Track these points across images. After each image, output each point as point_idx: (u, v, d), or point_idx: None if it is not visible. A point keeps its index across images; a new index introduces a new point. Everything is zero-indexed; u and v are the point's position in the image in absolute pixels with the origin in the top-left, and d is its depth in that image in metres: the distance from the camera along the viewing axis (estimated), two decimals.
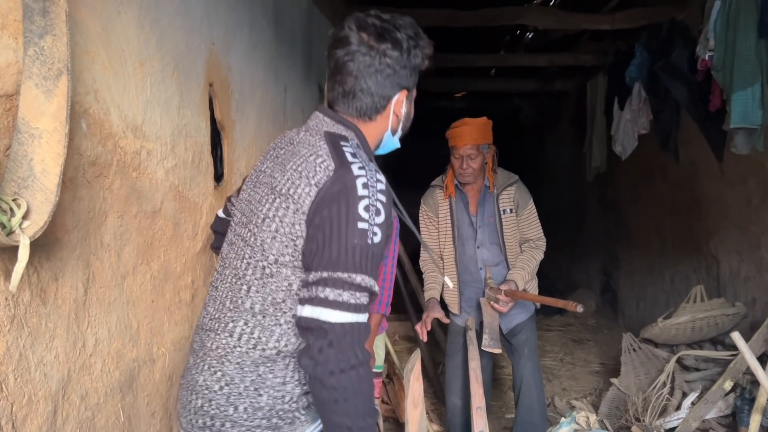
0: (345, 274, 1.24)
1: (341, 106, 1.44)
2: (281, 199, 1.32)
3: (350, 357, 1.22)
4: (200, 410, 1.35)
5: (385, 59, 1.38)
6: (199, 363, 1.38)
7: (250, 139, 2.73)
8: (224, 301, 1.39)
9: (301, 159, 1.34)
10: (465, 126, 2.97)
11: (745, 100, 3.15)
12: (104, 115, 1.47)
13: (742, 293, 4.04)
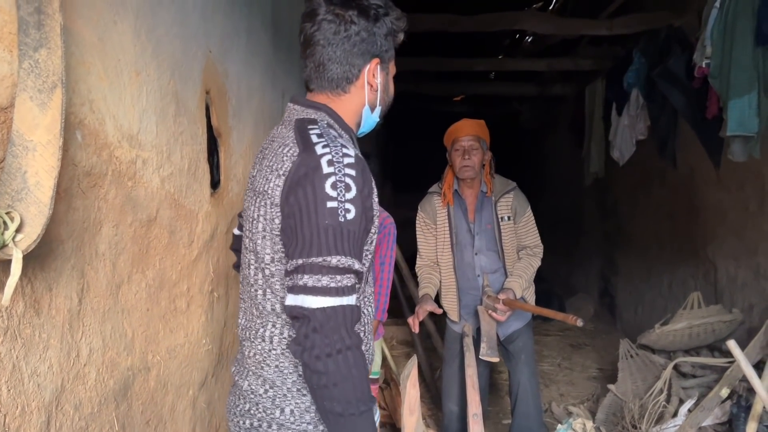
0: (320, 258, 1.22)
1: (314, 83, 1.42)
2: (260, 197, 1.32)
3: (336, 341, 1.21)
4: (248, 413, 1.39)
5: (352, 26, 1.35)
6: (242, 370, 1.43)
7: (247, 145, 2.74)
8: (251, 309, 1.42)
9: (272, 153, 1.33)
10: (466, 121, 3.01)
11: (741, 108, 3.16)
12: (99, 126, 1.47)
13: (739, 299, 4.04)
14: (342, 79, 1.40)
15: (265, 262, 1.33)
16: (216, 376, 2.44)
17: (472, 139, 2.94)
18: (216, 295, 2.39)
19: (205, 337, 2.28)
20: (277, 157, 1.31)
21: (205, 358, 2.29)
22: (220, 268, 2.44)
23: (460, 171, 2.97)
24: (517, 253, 3.08)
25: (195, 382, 2.21)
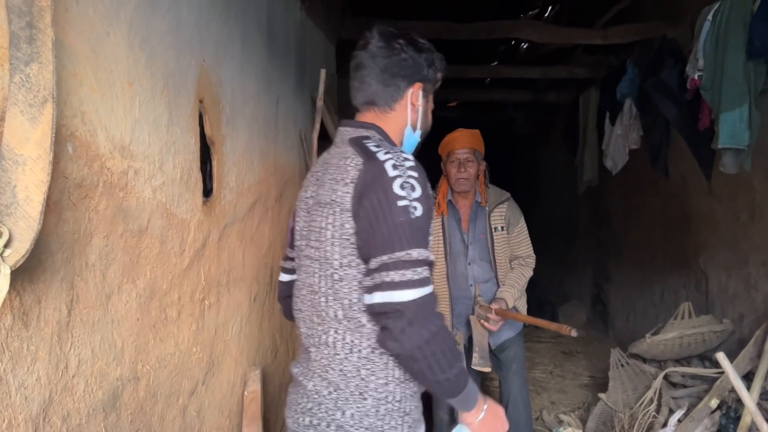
0: (402, 252, 1.33)
1: (360, 99, 1.59)
2: (328, 207, 1.43)
3: (429, 329, 1.32)
4: (309, 411, 1.49)
5: (400, 53, 1.54)
6: (307, 372, 1.53)
7: (240, 152, 2.74)
8: (311, 317, 1.52)
9: (334, 167, 1.46)
10: (461, 132, 3.01)
11: (733, 121, 3.18)
12: (91, 137, 1.47)
13: (730, 310, 4.06)
14: (388, 97, 1.56)
15: (333, 267, 1.43)
16: (206, 384, 2.43)
17: (467, 151, 2.95)
18: (207, 303, 2.39)
19: (195, 346, 2.28)
20: (340, 169, 1.43)
21: (195, 366, 2.29)
22: (212, 276, 2.44)
23: (456, 183, 2.98)
24: (510, 263, 3.09)
25: (185, 391, 2.20)
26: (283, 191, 3.51)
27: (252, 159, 2.92)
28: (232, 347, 2.75)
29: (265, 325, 3.27)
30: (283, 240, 3.41)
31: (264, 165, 3.13)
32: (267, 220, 3.23)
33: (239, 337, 2.85)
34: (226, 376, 2.68)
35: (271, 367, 3.42)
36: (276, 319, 3.45)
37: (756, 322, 3.66)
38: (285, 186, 3.56)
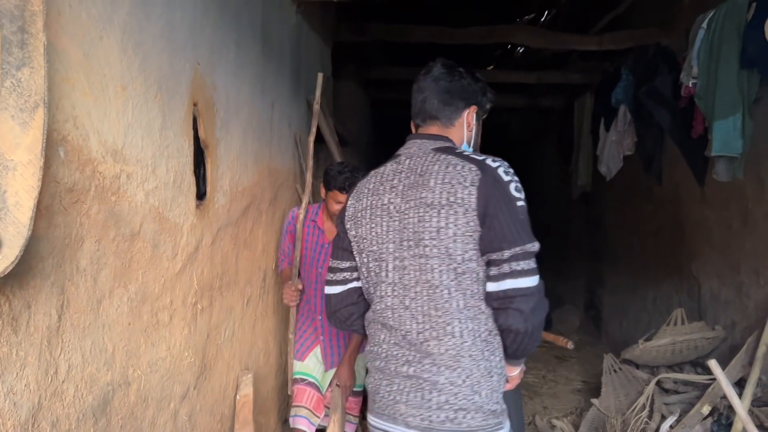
0: (529, 244, 1.56)
1: (423, 115, 1.77)
2: (446, 208, 1.58)
3: (546, 307, 1.59)
4: (444, 404, 1.58)
5: (461, 79, 1.76)
6: (432, 368, 1.60)
7: (234, 156, 2.73)
8: (427, 313, 1.61)
9: (441, 173, 1.61)
10: None
11: (726, 129, 3.19)
12: (83, 142, 1.47)
13: (722, 316, 4.08)
14: (449, 114, 1.75)
15: (457, 261, 1.57)
16: (198, 389, 2.42)
17: None
18: (200, 307, 2.39)
19: (187, 350, 2.27)
20: (453, 174, 1.60)
21: (187, 370, 2.28)
22: (205, 280, 2.43)
23: None
24: None
25: (176, 395, 2.20)
26: (277, 194, 3.51)
27: (246, 162, 2.91)
28: (224, 351, 2.74)
29: (257, 328, 3.26)
30: (277, 243, 3.41)
31: (258, 168, 3.12)
32: (260, 224, 3.22)
33: (232, 340, 2.84)
34: (218, 380, 2.67)
35: (263, 371, 3.41)
36: (269, 322, 3.45)
37: (748, 330, 3.67)
38: (279, 189, 3.55)
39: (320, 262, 2.99)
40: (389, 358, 1.68)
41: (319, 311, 3.03)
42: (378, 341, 1.74)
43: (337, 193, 2.81)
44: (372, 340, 1.78)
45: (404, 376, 1.65)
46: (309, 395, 2.96)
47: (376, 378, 1.74)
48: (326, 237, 2.99)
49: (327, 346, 3.05)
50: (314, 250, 3.00)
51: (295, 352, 3.07)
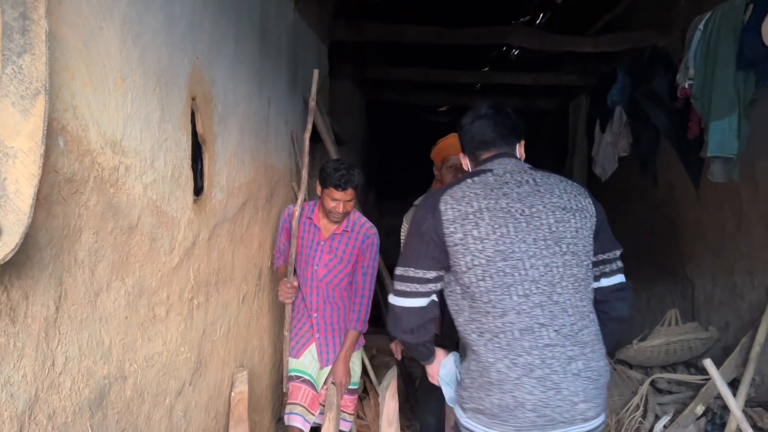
0: (620, 249, 1.90)
1: (490, 145, 1.95)
2: (579, 213, 1.80)
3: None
4: (603, 387, 1.75)
5: (511, 116, 2.00)
6: (592, 354, 1.73)
7: (231, 152, 2.72)
8: (574, 305, 1.74)
9: (561, 185, 1.86)
10: (454, 137, 2.98)
11: (722, 130, 3.20)
12: (82, 132, 1.46)
13: (716, 318, 4.10)
14: (512, 145, 1.97)
15: (589, 257, 1.80)
16: (193, 385, 2.41)
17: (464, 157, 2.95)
18: (196, 302, 2.37)
19: (183, 345, 2.26)
20: (569, 186, 1.87)
21: (182, 366, 2.27)
22: (201, 276, 2.42)
23: None
24: None
25: (172, 391, 2.18)
26: (273, 192, 3.50)
27: (243, 158, 2.90)
28: (219, 348, 2.73)
29: (252, 326, 3.25)
30: (273, 240, 3.39)
31: (255, 165, 3.11)
32: (257, 220, 3.21)
33: (227, 337, 2.83)
34: (213, 377, 2.65)
35: (258, 368, 3.40)
36: (264, 319, 3.43)
37: (741, 330, 3.69)
38: (275, 186, 3.54)
39: (316, 259, 2.98)
40: (549, 361, 1.67)
41: (315, 308, 3.02)
42: (519, 351, 1.68)
43: (333, 191, 2.80)
44: (505, 354, 1.69)
45: (574, 374, 1.69)
46: (304, 393, 2.95)
47: (533, 391, 1.66)
48: (322, 234, 2.98)
49: (322, 343, 3.04)
50: (310, 247, 2.99)
51: (290, 349, 3.05)
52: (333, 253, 2.98)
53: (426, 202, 1.88)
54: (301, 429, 2.91)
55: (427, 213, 1.82)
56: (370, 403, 4.05)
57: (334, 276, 3.00)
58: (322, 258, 2.98)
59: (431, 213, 1.80)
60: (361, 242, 2.98)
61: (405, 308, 1.87)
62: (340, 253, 2.98)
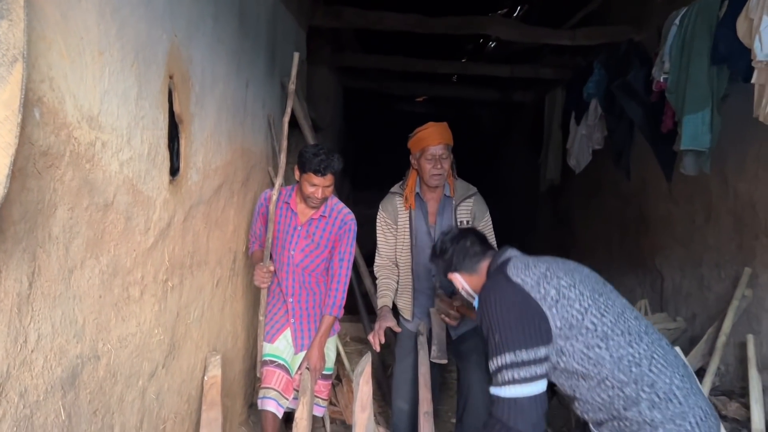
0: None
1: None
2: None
3: None
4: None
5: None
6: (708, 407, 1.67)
7: (209, 133, 2.69)
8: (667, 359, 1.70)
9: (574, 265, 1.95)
10: (433, 127, 2.99)
11: (695, 123, 3.26)
12: (59, 104, 1.42)
13: (683, 309, 4.18)
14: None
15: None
16: (166, 367, 2.38)
17: (442, 147, 2.95)
18: (170, 284, 2.34)
19: (157, 327, 2.23)
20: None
21: (156, 348, 2.24)
22: (176, 257, 2.39)
23: (431, 179, 2.97)
24: None
25: (145, 373, 2.16)
26: (249, 176, 3.46)
27: (220, 140, 2.87)
28: (193, 331, 2.70)
29: (226, 310, 3.22)
30: (248, 225, 3.36)
31: (231, 148, 3.08)
32: (232, 204, 3.18)
33: (201, 321, 2.80)
34: (186, 360, 2.63)
35: (231, 353, 3.38)
36: (238, 305, 3.41)
37: (708, 321, 3.78)
38: (252, 171, 3.51)
39: (292, 244, 2.96)
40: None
41: (290, 293, 3.01)
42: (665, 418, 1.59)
43: (312, 176, 2.78)
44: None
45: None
46: (278, 377, 2.94)
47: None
48: (299, 219, 2.96)
49: (297, 328, 3.03)
50: (287, 232, 2.97)
51: (265, 334, 3.03)
52: (310, 238, 2.96)
53: (496, 289, 1.86)
54: (275, 413, 2.91)
55: (505, 294, 1.81)
56: (343, 389, 4.05)
57: (311, 261, 2.98)
58: (299, 243, 2.96)
59: (512, 291, 1.81)
60: (338, 228, 2.97)
61: (531, 397, 1.71)
62: (317, 239, 2.96)
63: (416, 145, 3.00)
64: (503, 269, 1.90)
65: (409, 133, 3.10)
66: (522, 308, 1.74)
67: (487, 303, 1.81)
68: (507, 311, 1.75)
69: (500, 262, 1.99)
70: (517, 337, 1.70)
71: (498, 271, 1.93)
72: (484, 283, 2.00)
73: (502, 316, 1.75)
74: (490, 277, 1.98)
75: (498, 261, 2.01)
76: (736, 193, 3.56)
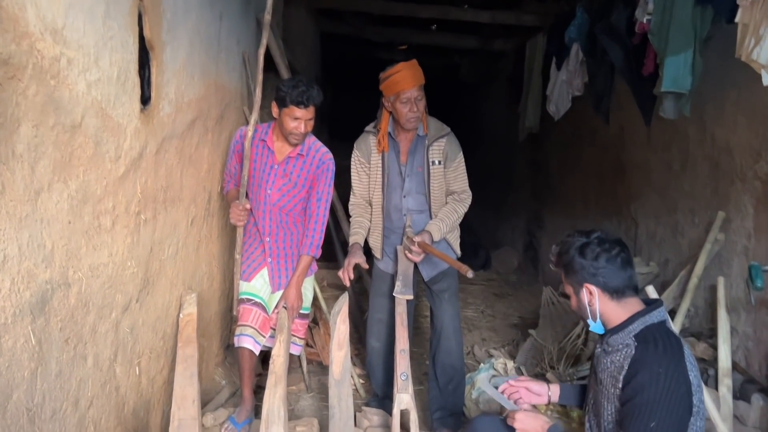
0: None
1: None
2: None
3: None
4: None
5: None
6: None
7: (181, 64, 2.59)
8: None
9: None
10: (407, 69, 2.91)
11: (677, 65, 3.23)
12: (20, 12, 1.34)
13: (657, 255, 4.24)
14: None
15: None
16: (140, 302, 2.35)
17: (417, 89, 2.89)
18: (143, 217, 2.29)
19: (130, 260, 2.19)
20: None
21: (129, 281, 2.20)
22: (149, 190, 2.33)
23: (408, 122, 2.92)
24: (446, 198, 3.10)
25: (118, 305, 2.12)
26: (224, 113, 3.38)
27: (193, 73, 2.77)
28: (167, 268, 2.66)
29: (202, 250, 3.18)
30: (223, 164, 3.29)
31: (205, 82, 2.99)
32: (206, 142, 3.11)
33: (175, 258, 2.76)
34: (161, 297, 2.60)
35: (208, 294, 3.35)
36: (213, 246, 3.37)
37: (680, 266, 3.83)
38: (226, 108, 3.42)
39: (269, 183, 2.90)
40: None
41: (267, 233, 2.97)
42: None
43: (294, 109, 2.70)
44: None
45: None
46: (255, 315, 2.92)
47: None
48: (276, 157, 2.90)
49: (274, 268, 3.00)
50: (263, 171, 2.91)
51: (241, 273, 3.00)
52: (287, 177, 2.91)
53: (677, 376, 1.72)
54: (251, 350, 2.90)
55: (680, 387, 1.71)
56: (320, 332, 4.07)
57: (288, 201, 2.94)
58: (276, 182, 2.91)
59: (685, 390, 1.71)
60: (316, 167, 2.92)
61: None
62: (294, 178, 2.91)
63: (390, 89, 2.92)
64: (675, 342, 1.78)
65: (380, 74, 3.01)
66: (683, 412, 1.72)
67: (658, 380, 1.72)
68: (674, 406, 1.71)
69: (660, 319, 1.85)
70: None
71: (667, 339, 1.79)
72: (656, 347, 1.77)
73: (667, 407, 1.71)
74: (652, 336, 1.80)
75: (655, 314, 1.85)
76: (713, 138, 3.57)
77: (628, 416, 1.75)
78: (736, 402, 2.95)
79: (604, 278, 1.84)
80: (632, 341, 1.81)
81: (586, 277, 1.87)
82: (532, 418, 2.00)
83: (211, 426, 2.94)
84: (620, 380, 1.80)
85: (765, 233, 3.08)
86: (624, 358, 1.81)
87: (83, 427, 1.89)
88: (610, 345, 1.88)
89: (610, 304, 1.87)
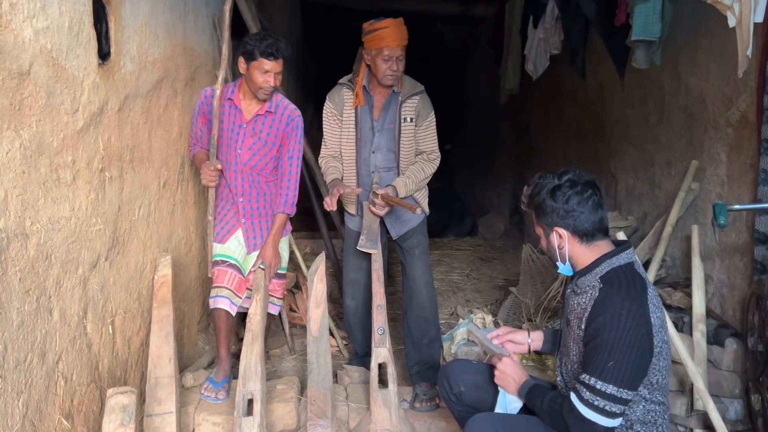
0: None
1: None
2: None
3: None
4: None
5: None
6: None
7: (143, 21, 2.56)
8: None
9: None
10: (394, 27, 2.88)
11: (646, 13, 3.22)
12: None
13: (635, 209, 4.26)
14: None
15: None
16: (110, 261, 2.35)
17: (401, 49, 2.88)
18: (108, 175, 2.28)
19: (95, 217, 2.18)
20: None
21: (96, 238, 2.20)
22: (113, 148, 2.31)
23: (385, 78, 2.90)
24: (415, 157, 3.10)
25: (85, 261, 2.12)
26: (194, 76, 3.34)
27: (157, 32, 2.74)
28: (139, 229, 2.66)
29: (177, 215, 3.18)
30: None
31: (171, 42, 2.95)
32: (176, 104, 3.08)
33: (147, 220, 2.76)
34: (133, 258, 2.60)
35: (186, 259, 3.36)
36: (190, 211, 3.36)
37: (658, 219, 3.85)
38: (196, 71, 3.39)
39: (239, 143, 2.88)
40: None
41: (240, 193, 2.95)
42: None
43: (264, 61, 2.67)
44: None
45: None
46: (230, 276, 2.92)
47: None
48: (244, 116, 2.87)
49: (249, 228, 3.00)
50: (231, 131, 2.89)
51: (215, 235, 2.99)
52: (256, 135, 2.89)
53: (635, 314, 1.73)
54: (228, 311, 2.91)
55: (640, 327, 1.73)
56: (303, 296, 4.08)
57: (259, 160, 2.93)
58: (245, 141, 2.89)
59: (646, 331, 1.74)
60: (285, 125, 2.91)
61: (608, 428, 1.76)
62: (264, 136, 2.90)
63: (373, 43, 2.90)
64: (639, 283, 1.81)
65: (364, 24, 2.98)
66: (644, 352, 1.74)
67: (619, 321, 1.73)
68: (633, 347, 1.72)
69: (627, 261, 1.86)
70: (628, 377, 1.72)
71: (632, 280, 1.81)
72: (620, 289, 1.78)
73: (626, 348, 1.72)
74: (617, 278, 1.81)
75: (623, 256, 1.86)
76: (687, 88, 3.56)
77: (588, 356, 1.79)
78: (710, 347, 2.99)
79: (575, 221, 1.84)
80: (598, 283, 1.82)
81: (556, 220, 1.87)
82: (517, 366, 2.04)
83: (190, 386, 2.96)
84: (584, 321, 1.82)
85: (737, 180, 3.09)
86: (589, 299, 1.82)
87: (52, 380, 1.90)
88: (578, 286, 1.90)
89: (580, 247, 1.88)
